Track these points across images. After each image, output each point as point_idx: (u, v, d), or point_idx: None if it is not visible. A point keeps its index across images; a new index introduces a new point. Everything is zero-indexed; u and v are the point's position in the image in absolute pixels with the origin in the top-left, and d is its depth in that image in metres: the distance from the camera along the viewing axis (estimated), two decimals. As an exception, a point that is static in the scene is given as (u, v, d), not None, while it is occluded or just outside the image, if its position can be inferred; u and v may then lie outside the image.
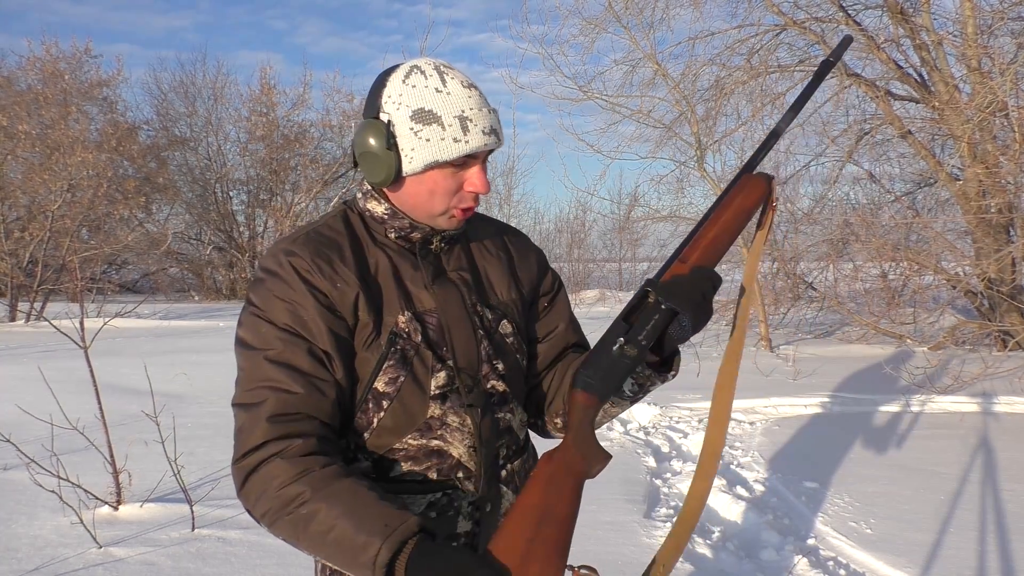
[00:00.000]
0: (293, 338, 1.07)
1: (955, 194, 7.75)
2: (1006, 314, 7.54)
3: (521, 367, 1.25)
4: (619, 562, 2.96)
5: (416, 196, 1.13)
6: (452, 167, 1.11)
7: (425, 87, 1.10)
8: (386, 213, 1.16)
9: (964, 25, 7.37)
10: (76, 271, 9.64)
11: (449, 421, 1.14)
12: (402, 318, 1.12)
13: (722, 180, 9.62)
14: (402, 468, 1.13)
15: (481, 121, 1.10)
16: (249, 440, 1.03)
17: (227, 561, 2.92)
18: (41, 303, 12.23)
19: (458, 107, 1.09)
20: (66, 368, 6.05)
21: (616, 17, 9.12)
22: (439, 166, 1.10)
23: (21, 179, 13.54)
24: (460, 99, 1.09)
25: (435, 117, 1.08)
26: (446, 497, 1.14)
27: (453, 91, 1.10)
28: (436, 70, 1.11)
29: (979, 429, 5.02)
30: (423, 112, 1.09)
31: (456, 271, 1.21)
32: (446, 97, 1.09)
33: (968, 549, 3.13)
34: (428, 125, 1.08)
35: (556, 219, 25.59)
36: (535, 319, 1.32)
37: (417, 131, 1.08)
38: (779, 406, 5.79)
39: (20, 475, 3.69)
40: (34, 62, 15.99)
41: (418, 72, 1.11)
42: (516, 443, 1.24)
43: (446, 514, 1.14)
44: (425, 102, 1.09)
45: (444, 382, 1.13)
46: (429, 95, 1.09)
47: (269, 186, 18.89)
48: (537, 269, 1.33)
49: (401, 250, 1.18)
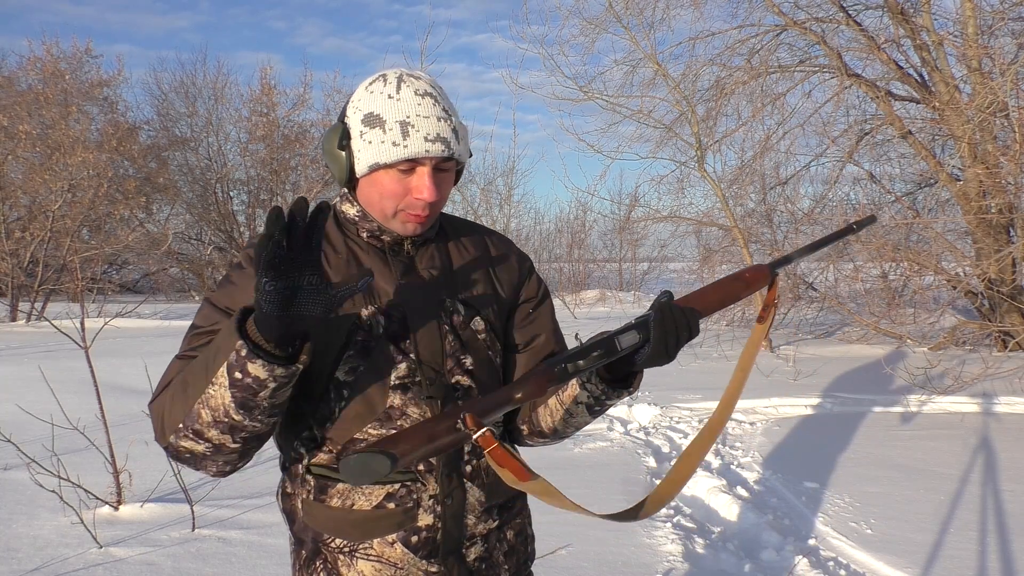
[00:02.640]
0: (222, 315, 1.12)
1: (955, 194, 7.75)
2: (1006, 314, 7.54)
3: (493, 364, 1.26)
4: (619, 562, 2.96)
5: (369, 197, 1.18)
6: (398, 171, 1.14)
7: (380, 93, 1.14)
8: (357, 215, 1.21)
9: (965, 25, 7.37)
10: (77, 271, 9.66)
11: (409, 412, 1.15)
12: (364, 312, 1.15)
13: (722, 180, 9.63)
14: None
15: (425, 128, 1.12)
16: (158, 385, 1.10)
17: (227, 561, 2.93)
18: (42, 303, 12.24)
19: (403, 113, 1.12)
20: (67, 368, 6.06)
21: (616, 17, 9.13)
22: (381, 168, 1.14)
23: (22, 179, 13.54)
24: (408, 105, 1.12)
25: (380, 121, 1.13)
26: (404, 489, 1.16)
27: (404, 98, 1.13)
28: (398, 78, 1.15)
29: (979, 429, 5.02)
30: (371, 116, 1.13)
31: (427, 268, 1.23)
32: (395, 103, 1.13)
33: (968, 549, 3.13)
34: (372, 128, 1.13)
35: (556, 219, 25.66)
36: (517, 324, 1.32)
37: (363, 133, 1.14)
38: (779, 406, 5.79)
39: (20, 475, 3.69)
40: (34, 62, 16.01)
41: (381, 80, 1.16)
42: None
43: (405, 506, 1.16)
44: (375, 107, 1.14)
45: (405, 373, 1.16)
46: (380, 100, 1.14)
47: (269, 186, 18.89)
48: (519, 272, 1.34)
49: (372, 249, 1.21)
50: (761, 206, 10.30)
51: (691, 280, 12.02)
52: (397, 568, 1.16)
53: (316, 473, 1.17)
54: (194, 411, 1.00)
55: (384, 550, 1.16)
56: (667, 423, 5.37)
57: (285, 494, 1.22)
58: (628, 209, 12.18)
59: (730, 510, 3.65)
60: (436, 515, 1.17)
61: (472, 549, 1.22)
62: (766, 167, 9.82)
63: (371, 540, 1.16)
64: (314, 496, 1.17)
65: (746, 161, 9.68)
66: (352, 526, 1.16)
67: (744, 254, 9.18)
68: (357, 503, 1.15)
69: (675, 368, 6.89)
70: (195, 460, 1.07)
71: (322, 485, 1.17)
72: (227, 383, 0.96)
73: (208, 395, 0.98)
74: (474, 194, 16.64)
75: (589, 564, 2.93)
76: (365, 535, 1.16)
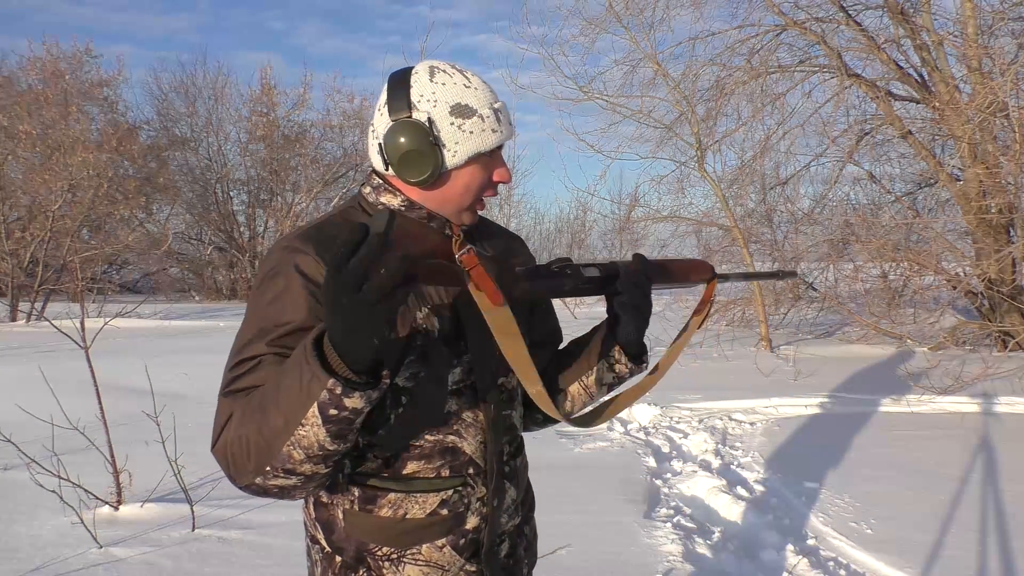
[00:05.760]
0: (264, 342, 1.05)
1: (955, 195, 7.75)
2: (1006, 314, 7.54)
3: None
4: (619, 562, 2.96)
5: (451, 190, 1.15)
6: (486, 158, 1.15)
7: (454, 84, 1.13)
8: (402, 205, 1.17)
9: (965, 25, 7.37)
10: (77, 271, 9.66)
11: (464, 416, 1.15)
12: (419, 314, 1.11)
13: (722, 180, 9.62)
14: (414, 466, 1.12)
15: (506, 112, 1.17)
16: (215, 427, 1.02)
17: (227, 561, 2.92)
18: (42, 303, 12.23)
19: (488, 99, 1.14)
20: (66, 368, 6.05)
21: (616, 17, 9.12)
22: (478, 158, 1.14)
23: (22, 179, 13.54)
24: (487, 92, 1.15)
25: (472, 111, 1.12)
26: (457, 494, 1.14)
27: (478, 86, 1.15)
28: (454, 68, 1.15)
29: (979, 430, 5.01)
30: (461, 107, 1.12)
31: None
32: (475, 92, 1.14)
33: (968, 549, 3.13)
34: (468, 118, 1.12)
35: (556, 219, 25.67)
36: (536, 322, 1.34)
37: (459, 125, 1.11)
38: (779, 406, 5.79)
39: (21, 475, 3.69)
40: (35, 62, 16.04)
41: (440, 71, 1.14)
42: (517, 439, 1.27)
43: (457, 511, 1.14)
44: (460, 97, 1.12)
45: (461, 377, 1.14)
46: (460, 91, 1.13)
47: (269, 186, 18.90)
48: None
49: None
50: (761, 206, 10.30)
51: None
52: (444, 570, 1.14)
53: (362, 483, 1.12)
54: (283, 454, 0.94)
55: (432, 554, 1.13)
56: (667, 423, 5.37)
57: (319, 504, 1.16)
58: (628, 209, 12.15)
59: (730, 510, 3.65)
60: (482, 517, 1.17)
61: (503, 546, 1.22)
62: (766, 167, 9.82)
63: (421, 546, 1.13)
64: (359, 506, 1.12)
65: (746, 161, 9.68)
66: (403, 534, 1.12)
67: (744, 254, 9.17)
68: (411, 512, 1.12)
69: (675, 368, 6.87)
70: (284, 492, 1.01)
71: (370, 495, 1.12)
72: (320, 421, 0.91)
73: (299, 436, 0.92)
74: (474, 194, 16.62)
75: (589, 564, 2.93)
76: (415, 542, 1.12)
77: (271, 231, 18.64)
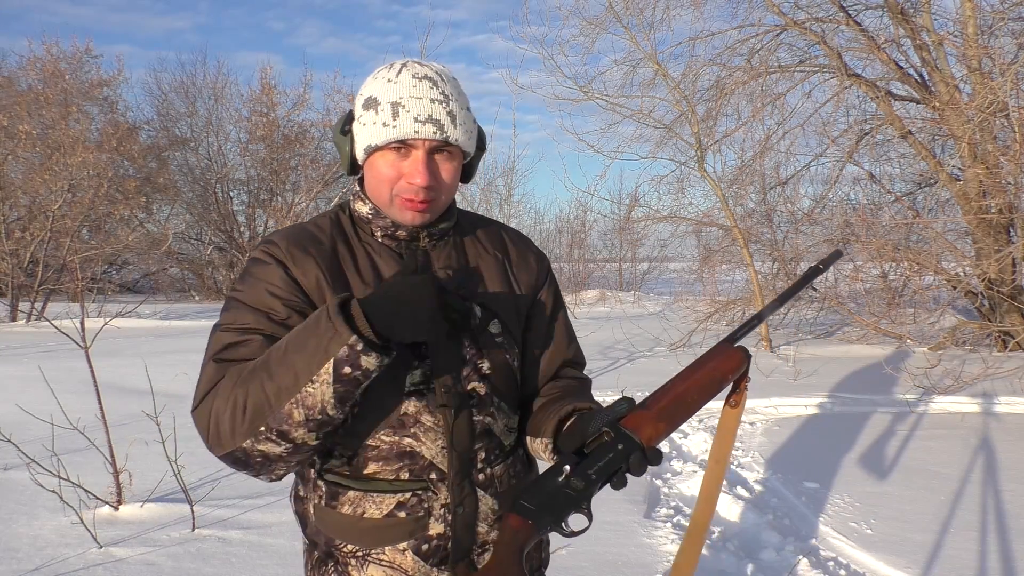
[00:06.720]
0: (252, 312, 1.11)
1: (955, 194, 7.75)
2: (1006, 314, 7.54)
3: (511, 368, 1.23)
4: (619, 562, 2.96)
5: (369, 184, 1.17)
6: (393, 155, 1.12)
7: (385, 79, 1.13)
8: (370, 213, 1.19)
9: (965, 25, 7.36)
10: (77, 271, 9.66)
11: (423, 420, 1.13)
12: None
13: (722, 180, 9.62)
14: (374, 467, 1.14)
15: (416, 108, 1.10)
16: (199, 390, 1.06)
17: (227, 561, 2.92)
18: (42, 303, 12.23)
19: (397, 95, 1.11)
20: (66, 368, 6.06)
21: (616, 17, 9.13)
22: (376, 151, 1.13)
23: (22, 179, 13.53)
24: (403, 88, 1.11)
25: (375, 103, 1.12)
26: (416, 498, 1.14)
27: (401, 81, 1.12)
28: (403, 64, 1.14)
29: (979, 429, 5.01)
30: (369, 99, 1.13)
31: (444, 268, 1.20)
32: (391, 86, 1.12)
33: (968, 549, 3.13)
34: (368, 111, 1.13)
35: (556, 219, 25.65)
36: (535, 327, 1.30)
37: (360, 117, 1.14)
38: (779, 406, 5.79)
39: (20, 475, 3.69)
40: (34, 62, 16.03)
41: (388, 67, 1.15)
42: (498, 447, 1.21)
43: (416, 515, 1.14)
44: (374, 91, 1.13)
45: (420, 380, 1.13)
46: (380, 85, 1.13)
47: (269, 186, 18.88)
48: (538, 272, 1.32)
49: (386, 249, 1.19)
50: (761, 206, 10.29)
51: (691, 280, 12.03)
52: (407, 574, 1.14)
53: (328, 480, 1.15)
54: (283, 412, 0.97)
55: (395, 557, 1.14)
56: (667, 423, 5.37)
57: (298, 497, 1.21)
58: (628, 209, 12.17)
59: (730, 510, 3.65)
60: (447, 524, 1.15)
61: (484, 556, 1.18)
62: (766, 167, 9.82)
63: (382, 547, 1.14)
64: (325, 502, 1.15)
65: (746, 161, 9.68)
66: (363, 533, 1.14)
67: (744, 254, 9.17)
68: (368, 511, 1.13)
69: (675, 368, 6.88)
70: (266, 462, 1.02)
71: (333, 491, 1.15)
72: (331, 379, 0.95)
73: (305, 394, 0.96)
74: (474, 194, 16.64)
75: (589, 564, 2.93)
76: (375, 543, 1.14)
77: (271, 231, 18.63)
